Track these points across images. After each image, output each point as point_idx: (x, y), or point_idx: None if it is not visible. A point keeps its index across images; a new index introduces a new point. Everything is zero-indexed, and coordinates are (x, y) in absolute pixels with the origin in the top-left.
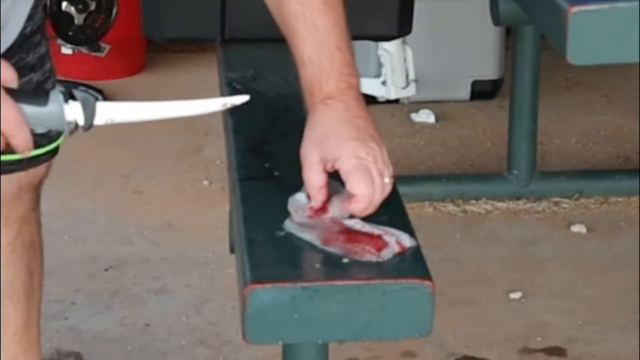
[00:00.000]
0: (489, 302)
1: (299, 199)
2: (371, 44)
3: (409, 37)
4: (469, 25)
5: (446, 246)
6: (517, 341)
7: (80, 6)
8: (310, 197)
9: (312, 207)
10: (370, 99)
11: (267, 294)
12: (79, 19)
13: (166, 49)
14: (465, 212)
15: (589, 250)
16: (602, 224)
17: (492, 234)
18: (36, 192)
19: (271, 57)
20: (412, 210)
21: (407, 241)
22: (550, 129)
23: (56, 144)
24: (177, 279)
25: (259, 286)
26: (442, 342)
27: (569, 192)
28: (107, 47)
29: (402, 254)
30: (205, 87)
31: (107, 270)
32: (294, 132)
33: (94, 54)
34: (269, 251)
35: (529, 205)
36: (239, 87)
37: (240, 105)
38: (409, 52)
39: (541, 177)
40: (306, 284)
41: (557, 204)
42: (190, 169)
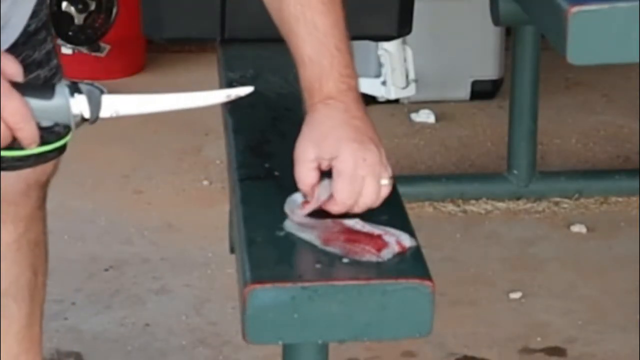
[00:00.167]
0: (489, 302)
1: (295, 199)
2: (371, 44)
3: (409, 37)
4: (469, 25)
5: (446, 246)
6: (517, 341)
7: (80, 6)
8: (304, 196)
9: (305, 203)
10: (370, 99)
11: (267, 294)
12: (79, 19)
13: (166, 49)
14: (465, 212)
15: (589, 250)
16: (602, 224)
17: (492, 234)
18: (43, 190)
19: (271, 57)
20: (412, 210)
21: (407, 241)
22: (550, 129)
23: (64, 141)
24: (177, 279)
25: (259, 286)
26: (442, 342)
27: (569, 192)
28: (107, 47)
29: (402, 254)
30: (205, 87)
31: (107, 270)
32: (294, 132)
33: (94, 54)
34: (269, 251)
35: (529, 205)
36: (239, 87)
37: (240, 105)
38: (409, 52)
39: (541, 177)
40: (306, 284)
41: (557, 204)
42: (190, 169)
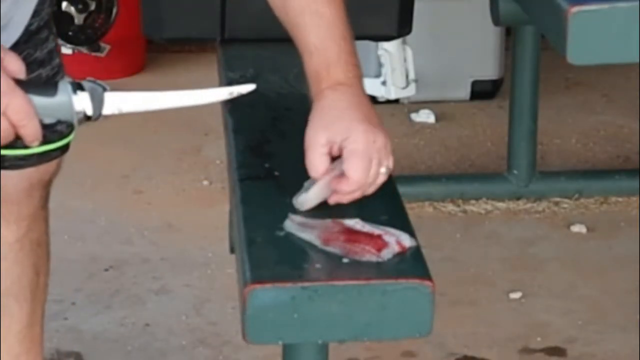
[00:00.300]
0: (489, 302)
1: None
2: (371, 44)
3: (409, 37)
4: (469, 25)
5: (446, 246)
6: (517, 341)
7: (80, 6)
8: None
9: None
10: (370, 99)
11: (267, 294)
12: (79, 19)
13: (166, 49)
14: (465, 212)
15: (589, 250)
16: (602, 224)
17: (492, 234)
18: (46, 189)
19: (271, 57)
20: (412, 210)
21: (407, 241)
22: (550, 129)
23: (67, 140)
24: (177, 279)
25: (259, 286)
26: (442, 342)
27: (569, 192)
28: (107, 47)
29: (402, 254)
30: (205, 87)
31: (107, 270)
32: (294, 132)
33: (94, 54)
34: (269, 251)
35: (529, 205)
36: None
37: (240, 105)
38: (409, 52)
39: (541, 177)
40: (306, 284)
41: (557, 204)
42: (190, 169)
